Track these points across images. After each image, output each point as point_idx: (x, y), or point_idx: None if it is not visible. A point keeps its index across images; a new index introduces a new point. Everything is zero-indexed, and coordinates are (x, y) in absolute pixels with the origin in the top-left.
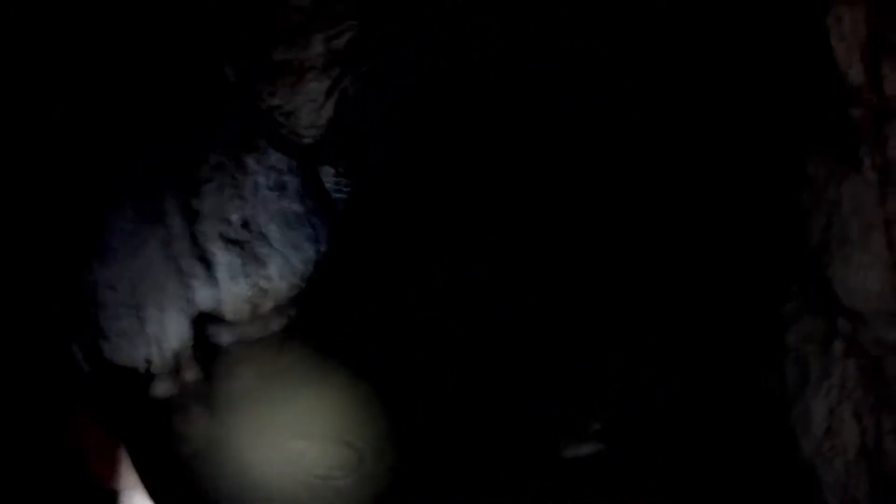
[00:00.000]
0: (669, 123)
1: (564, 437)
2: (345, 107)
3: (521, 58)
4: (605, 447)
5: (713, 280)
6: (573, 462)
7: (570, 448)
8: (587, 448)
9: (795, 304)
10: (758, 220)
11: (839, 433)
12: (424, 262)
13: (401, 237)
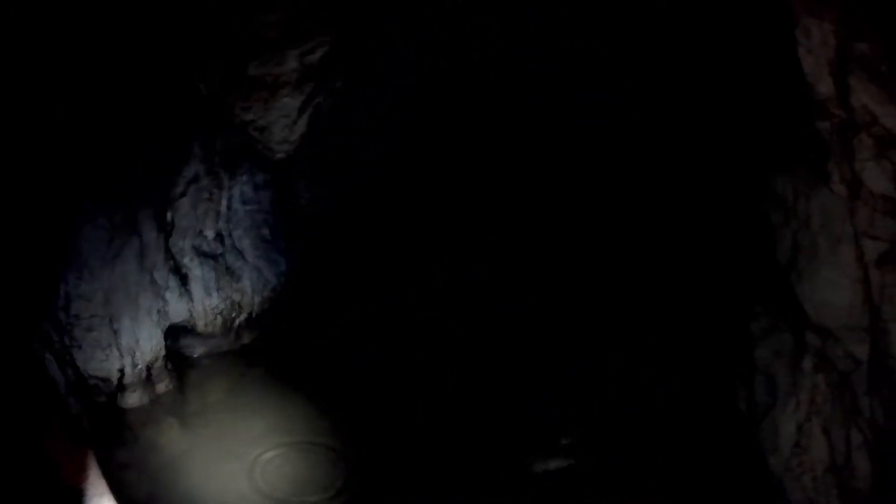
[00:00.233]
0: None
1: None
2: (320, 121)
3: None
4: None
5: (692, 290)
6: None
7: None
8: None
9: (765, 321)
10: (729, 237)
11: (808, 449)
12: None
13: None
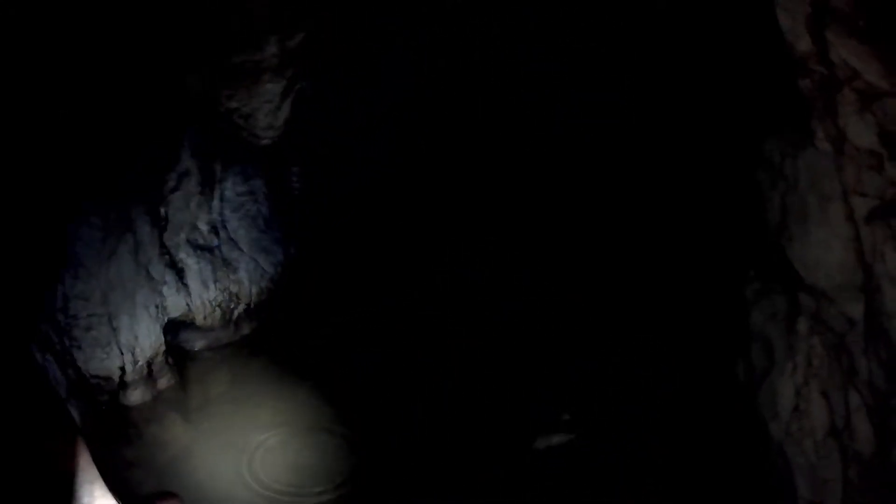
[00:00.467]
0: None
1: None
2: (305, 107)
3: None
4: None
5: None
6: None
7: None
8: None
9: (758, 285)
10: (722, 209)
11: (807, 413)
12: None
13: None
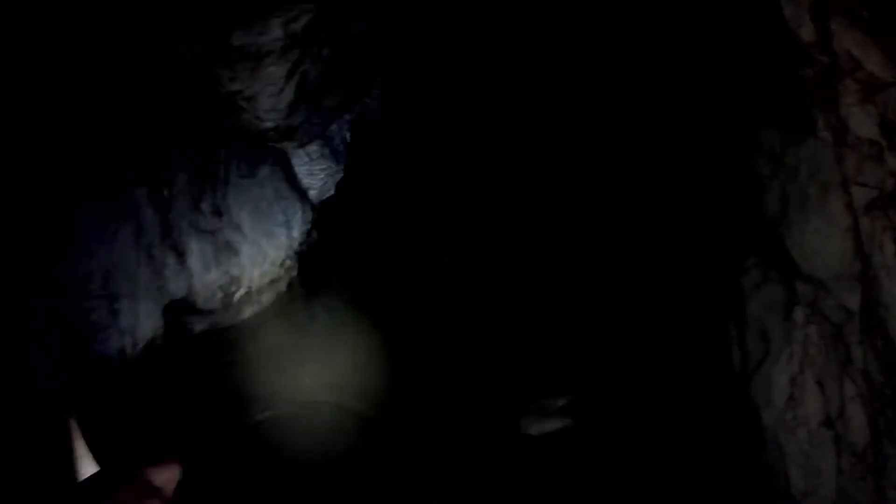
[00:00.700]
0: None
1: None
2: (308, 90)
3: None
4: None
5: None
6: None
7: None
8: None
9: (756, 274)
10: (719, 195)
11: (802, 402)
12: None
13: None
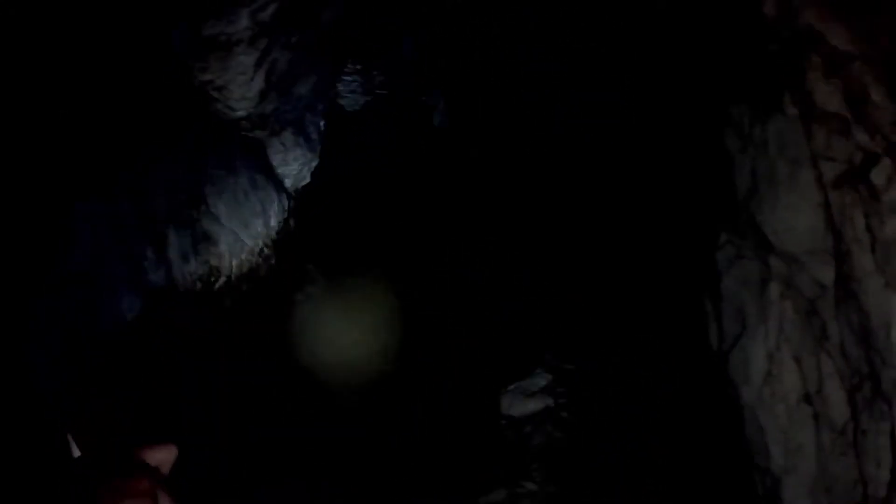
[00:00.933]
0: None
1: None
2: (278, 78)
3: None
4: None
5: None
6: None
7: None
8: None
9: (730, 250)
10: (696, 177)
11: (780, 378)
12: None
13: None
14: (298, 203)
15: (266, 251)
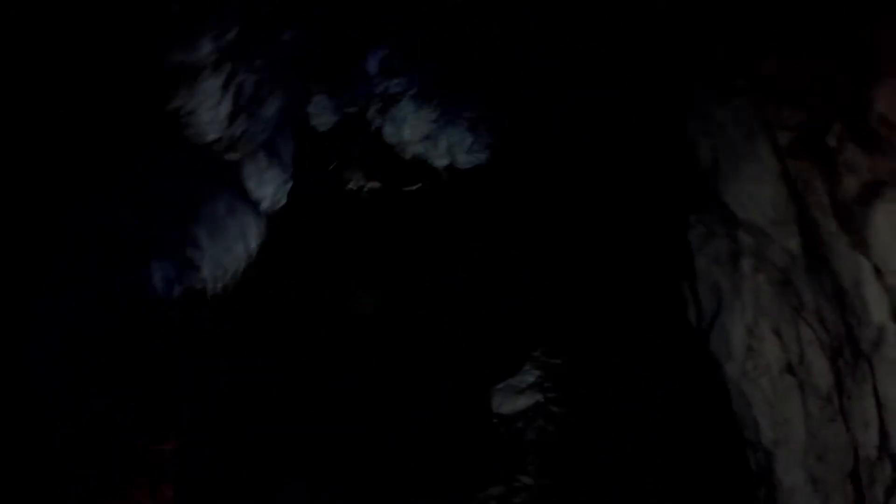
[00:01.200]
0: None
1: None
2: (246, 101)
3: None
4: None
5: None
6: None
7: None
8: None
9: (701, 229)
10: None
11: (761, 351)
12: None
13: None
14: (276, 223)
15: (249, 273)
